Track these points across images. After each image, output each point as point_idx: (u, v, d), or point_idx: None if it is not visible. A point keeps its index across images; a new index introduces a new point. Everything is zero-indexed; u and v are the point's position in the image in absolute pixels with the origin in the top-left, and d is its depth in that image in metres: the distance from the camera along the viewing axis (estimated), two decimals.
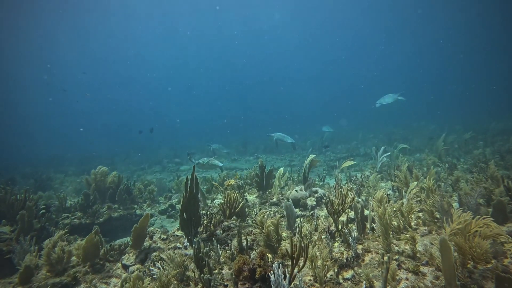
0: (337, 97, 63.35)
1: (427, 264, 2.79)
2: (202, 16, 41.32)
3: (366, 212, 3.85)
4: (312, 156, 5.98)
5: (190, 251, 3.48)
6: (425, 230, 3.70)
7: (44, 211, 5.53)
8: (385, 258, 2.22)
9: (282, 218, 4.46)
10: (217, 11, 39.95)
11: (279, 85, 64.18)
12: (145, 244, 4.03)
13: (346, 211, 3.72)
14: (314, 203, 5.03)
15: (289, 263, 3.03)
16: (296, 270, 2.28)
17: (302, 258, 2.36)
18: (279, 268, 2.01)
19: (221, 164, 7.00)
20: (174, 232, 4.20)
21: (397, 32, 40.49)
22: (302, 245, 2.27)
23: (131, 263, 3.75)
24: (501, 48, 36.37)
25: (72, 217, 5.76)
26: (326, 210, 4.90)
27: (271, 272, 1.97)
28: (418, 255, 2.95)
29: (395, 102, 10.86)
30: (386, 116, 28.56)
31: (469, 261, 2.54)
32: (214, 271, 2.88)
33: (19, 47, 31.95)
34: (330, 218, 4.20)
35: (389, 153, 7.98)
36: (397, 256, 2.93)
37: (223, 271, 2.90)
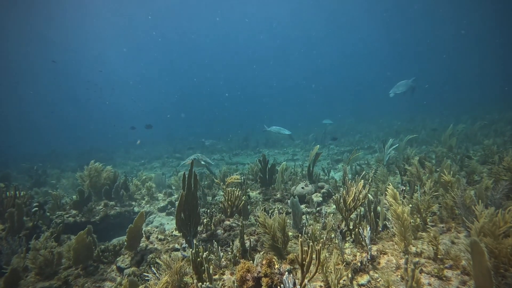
0: (339, 91, 62.75)
1: (450, 268, 2.51)
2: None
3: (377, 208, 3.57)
4: (316, 149, 5.68)
5: (188, 253, 3.22)
6: (443, 227, 3.41)
7: (36, 208, 5.27)
8: (410, 265, 1.94)
9: (287, 216, 4.18)
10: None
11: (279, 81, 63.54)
12: (141, 244, 3.77)
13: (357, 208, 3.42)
14: (321, 199, 4.75)
15: (297, 265, 2.77)
16: (306, 278, 2.00)
17: (314, 264, 2.08)
18: (289, 278, 1.73)
19: (212, 163, 6.71)
20: (172, 232, 3.94)
21: (397, 27, 39.60)
22: (314, 250, 1.98)
23: (126, 265, 3.49)
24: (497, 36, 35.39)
25: (67, 215, 5.51)
26: (333, 207, 4.63)
27: (280, 285, 1.69)
28: (439, 256, 2.67)
29: (404, 95, 10.54)
30: (389, 109, 28.13)
31: (502, 265, 2.25)
32: (214, 277, 2.61)
33: (24, 40, 31.12)
34: (339, 216, 3.93)
35: (397, 145, 7.66)
36: (416, 259, 2.65)
37: (224, 277, 2.63)
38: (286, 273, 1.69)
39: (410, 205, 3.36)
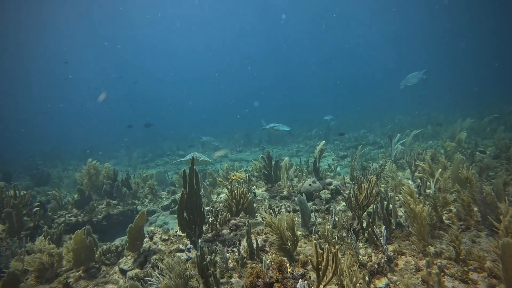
0: (341, 88, 62.12)
1: (475, 270, 2.34)
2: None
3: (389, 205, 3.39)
4: (322, 144, 5.50)
5: (193, 254, 3.08)
6: (461, 225, 3.23)
7: (37, 208, 5.16)
8: (433, 268, 1.77)
9: (295, 214, 4.03)
10: None
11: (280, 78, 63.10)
12: (144, 245, 3.63)
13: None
14: (329, 196, 4.57)
15: (308, 267, 2.61)
16: (322, 283, 1.83)
17: (330, 267, 1.91)
18: (303, 284, 1.56)
19: (211, 161, 6.60)
20: (176, 232, 3.80)
21: (400, 24, 38.88)
22: (330, 253, 1.82)
23: (129, 267, 3.36)
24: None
25: (68, 215, 5.40)
26: (342, 204, 4.46)
27: None
28: (461, 257, 2.49)
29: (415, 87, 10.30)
30: (391, 105, 27.75)
31: None
32: (222, 280, 2.46)
33: (22, 40, 30.99)
34: (349, 213, 3.76)
35: (404, 140, 7.45)
36: (438, 261, 2.48)
37: (232, 280, 2.48)
38: (300, 280, 1.52)
39: (427, 203, 3.17)
